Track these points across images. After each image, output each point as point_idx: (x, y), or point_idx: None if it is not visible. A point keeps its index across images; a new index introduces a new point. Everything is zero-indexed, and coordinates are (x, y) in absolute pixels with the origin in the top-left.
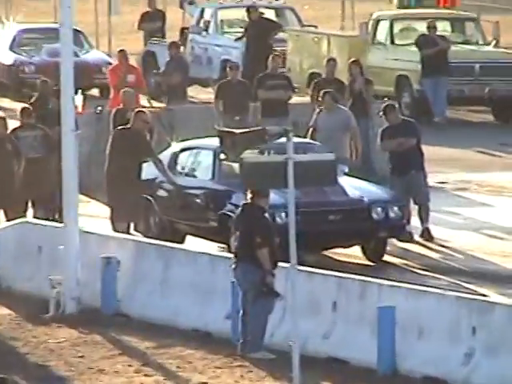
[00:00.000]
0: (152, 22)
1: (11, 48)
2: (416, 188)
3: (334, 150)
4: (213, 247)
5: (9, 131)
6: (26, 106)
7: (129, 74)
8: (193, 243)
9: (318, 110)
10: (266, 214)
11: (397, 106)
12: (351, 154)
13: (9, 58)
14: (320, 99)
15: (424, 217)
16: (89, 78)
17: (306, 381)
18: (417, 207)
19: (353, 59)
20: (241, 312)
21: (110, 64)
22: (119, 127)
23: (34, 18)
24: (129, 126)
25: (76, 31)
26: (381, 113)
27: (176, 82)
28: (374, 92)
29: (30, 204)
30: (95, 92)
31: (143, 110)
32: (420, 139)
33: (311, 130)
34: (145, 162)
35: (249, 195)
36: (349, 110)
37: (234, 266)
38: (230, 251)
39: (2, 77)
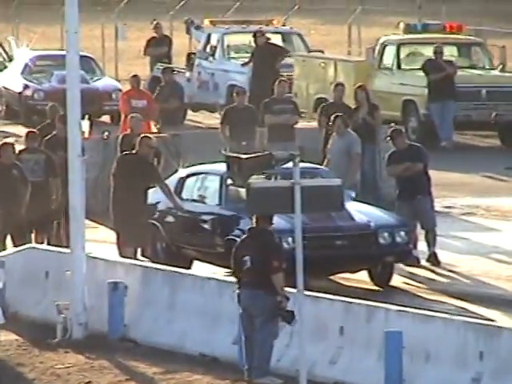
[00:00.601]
0: (158, 47)
1: (22, 74)
2: (423, 213)
3: (342, 175)
4: (220, 272)
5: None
6: (32, 130)
7: (140, 99)
8: (200, 268)
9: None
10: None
11: (403, 130)
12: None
13: (19, 85)
14: (331, 123)
15: (431, 241)
16: (99, 105)
17: None
18: (424, 232)
19: (359, 84)
20: (243, 338)
21: (120, 90)
22: (123, 153)
23: (42, 44)
24: (134, 151)
25: (87, 58)
26: (388, 138)
27: (171, 107)
28: (381, 117)
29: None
30: (106, 118)
31: (148, 135)
32: (427, 164)
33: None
34: (151, 187)
35: (254, 220)
36: (356, 135)
37: (238, 291)
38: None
39: (12, 104)
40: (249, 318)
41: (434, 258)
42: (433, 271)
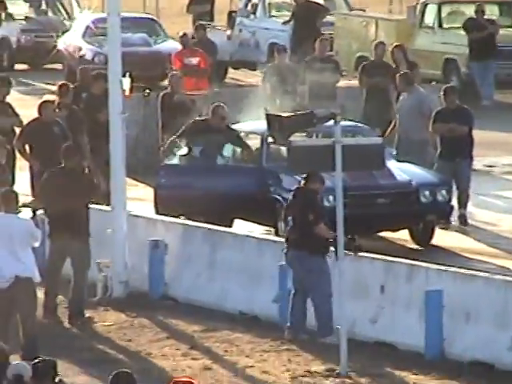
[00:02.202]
0: (201, 4)
1: (83, 37)
2: (460, 175)
3: (414, 133)
4: (260, 231)
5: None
6: (65, 83)
7: (192, 57)
8: (240, 226)
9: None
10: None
11: (456, 89)
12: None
13: (80, 48)
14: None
15: (462, 202)
16: (162, 68)
17: (353, 365)
18: (457, 193)
19: (396, 44)
20: (291, 295)
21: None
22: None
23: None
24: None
25: (151, 20)
26: (441, 92)
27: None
28: (420, 75)
29: None
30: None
31: (222, 104)
32: (472, 127)
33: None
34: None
35: (303, 179)
36: (425, 91)
37: (285, 251)
38: (277, 235)
39: (73, 67)
40: (297, 278)
41: (463, 219)
42: (473, 231)
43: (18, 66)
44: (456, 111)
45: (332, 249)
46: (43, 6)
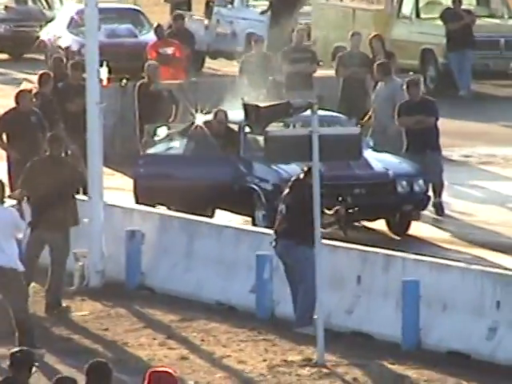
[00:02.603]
0: None
1: (68, 29)
2: (433, 166)
3: (388, 123)
4: (237, 220)
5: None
6: (46, 72)
7: (168, 47)
8: (220, 216)
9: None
10: None
11: (421, 81)
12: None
13: (66, 40)
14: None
15: (438, 191)
16: (145, 60)
17: (329, 355)
18: (431, 184)
19: (374, 34)
20: (289, 289)
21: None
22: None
23: None
24: None
25: (135, 11)
26: (404, 86)
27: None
28: (397, 65)
29: None
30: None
31: (223, 109)
32: (438, 118)
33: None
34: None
35: (302, 173)
36: (400, 81)
37: (274, 243)
38: (254, 224)
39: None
40: (287, 268)
41: (439, 208)
42: (449, 220)
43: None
44: (420, 103)
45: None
46: None
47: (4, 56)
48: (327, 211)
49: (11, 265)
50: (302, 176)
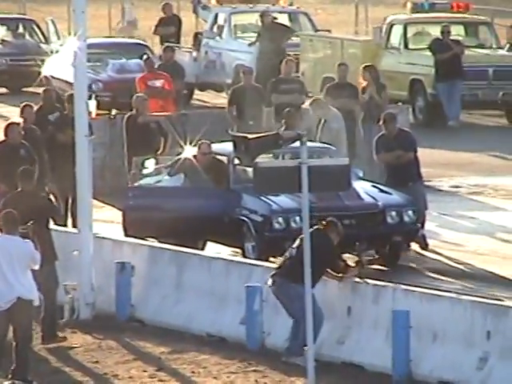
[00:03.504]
0: (167, 26)
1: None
2: (417, 197)
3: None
4: (227, 252)
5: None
6: (28, 104)
7: (156, 80)
8: (207, 248)
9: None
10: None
11: (396, 116)
12: None
13: (72, 75)
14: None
15: (420, 222)
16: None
17: None
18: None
19: (365, 64)
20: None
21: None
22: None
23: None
24: None
25: (142, 45)
26: (380, 122)
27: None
28: (388, 97)
29: None
30: None
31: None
32: (416, 149)
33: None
34: None
35: (321, 224)
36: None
37: (271, 281)
38: (244, 256)
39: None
40: (285, 306)
41: (422, 241)
42: (438, 252)
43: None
44: (398, 137)
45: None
46: (20, 30)
47: (2, 90)
48: (348, 258)
49: (30, 297)
50: (320, 227)
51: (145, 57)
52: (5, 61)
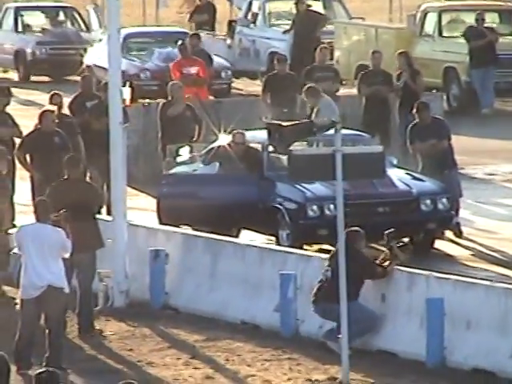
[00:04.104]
0: (202, 14)
1: (122, 54)
2: (451, 185)
3: None
4: (261, 240)
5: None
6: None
7: (191, 67)
8: (241, 236)
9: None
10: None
11: (429, 105)
12: None
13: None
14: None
15: (455, 210)
16: (207, 84)
17: (354, 374)
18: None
19: (400, 50)
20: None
21: (229, 69)
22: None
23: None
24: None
25: (183, 33)
26: (414, 110)
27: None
28: (423, 83)
29: None
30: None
31: (240, 131)
32: (451, 137)
33: None
34: None
35: (346, 236)
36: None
37: (314, 309)
38: (278, 244)
39: None
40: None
41: (457, 228)
42: (473, 239)
43: (41, 78)
44: (432, 126)
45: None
46: (61, 18)
47: (44, 78)
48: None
49: (60, 284)
50: (345, 240)
51: (179, 42)
52: (44, 49)
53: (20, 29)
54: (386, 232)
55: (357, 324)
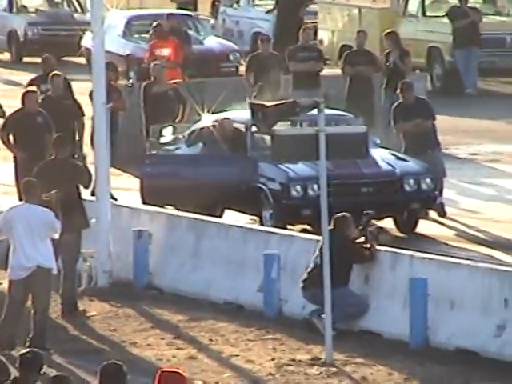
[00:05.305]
0: None
1: (125, 37)
2: (436, 165)
3: None
4: (244, 220)
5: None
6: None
7: (163, 48)
8: (225, 216)
9: None
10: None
11: (413, 85)
12: None
13: (125, 48)
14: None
15: (439, 190)
16: (216, 66)
17: (338, 354)
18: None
19: (387, 31)
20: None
21: (237, 51)
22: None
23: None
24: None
25: (190, 17)
26: (398, 90)
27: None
28: (411, 63)
29: None
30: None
31: (229, 117)
32: (435, 117)
33: None
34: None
35: (332, 223)
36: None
37: (304, 294)
38: (262, 224)
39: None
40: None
41: (440, 208)
42: (456, 219)
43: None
44: (416, 105)
45: (316, 238)
46: None
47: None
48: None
49: (48, 265)
50: (331, 227)
51: (154, 24)
52: (36, 30)
53: (14, 10)
54: (364, 213)
55: (350, 308)
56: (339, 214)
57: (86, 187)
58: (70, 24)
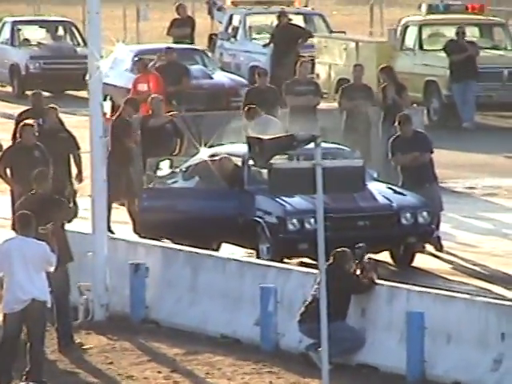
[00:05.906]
0: (181, 28)
1: (132, 71)
2: (433, 199)
3: None
4: (241, 253)
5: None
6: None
7: (143, 83)
8: (222, 249)
9: None
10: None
11: (411, 117)
12: None
13: (131, 82)
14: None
15: (436, 224)
16: (226, 101)
17: None
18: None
19: (382, 66)
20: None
21: (247, 86)
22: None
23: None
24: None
25: (199, 50)
26: (396, 122)
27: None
28: (409, 97)
29: None
30: None
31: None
32: (432, 151)
33: None
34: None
35: (331, 258)
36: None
37: (300, 329)
38: (258, 257)
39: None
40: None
41: (437, 242)
42: (453, 253)
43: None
44: (414, 139)
45: (313, 271)
46: (60, 32)
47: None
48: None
49: (43, 298)
50: (332, 261)
51: (135, 58)
52: (38, 64)
53: (17, 43)
54: (356, 246)
55: (346, 342)
56: (338, 249)
57: (68, 221)
58: (72, 58)
